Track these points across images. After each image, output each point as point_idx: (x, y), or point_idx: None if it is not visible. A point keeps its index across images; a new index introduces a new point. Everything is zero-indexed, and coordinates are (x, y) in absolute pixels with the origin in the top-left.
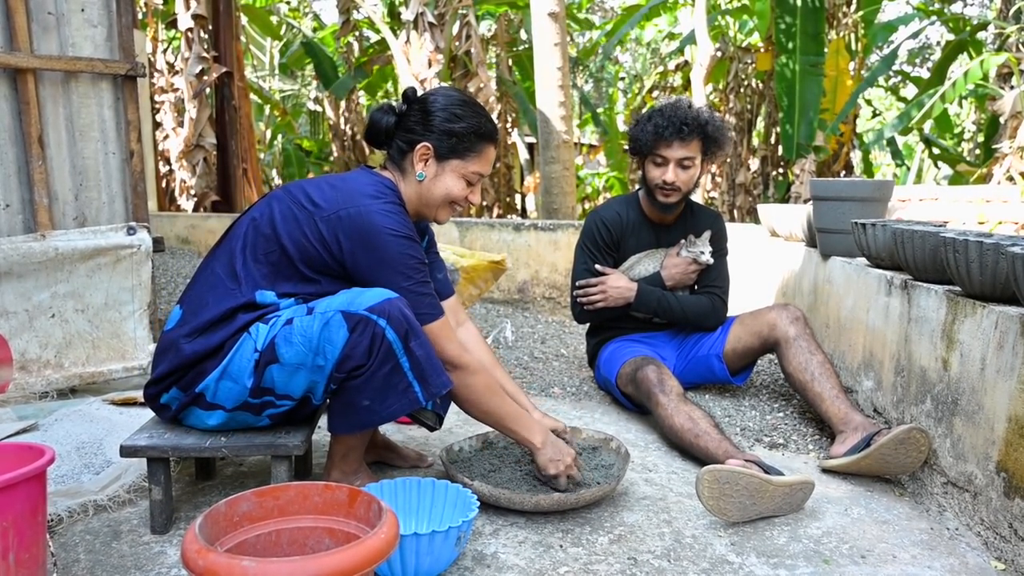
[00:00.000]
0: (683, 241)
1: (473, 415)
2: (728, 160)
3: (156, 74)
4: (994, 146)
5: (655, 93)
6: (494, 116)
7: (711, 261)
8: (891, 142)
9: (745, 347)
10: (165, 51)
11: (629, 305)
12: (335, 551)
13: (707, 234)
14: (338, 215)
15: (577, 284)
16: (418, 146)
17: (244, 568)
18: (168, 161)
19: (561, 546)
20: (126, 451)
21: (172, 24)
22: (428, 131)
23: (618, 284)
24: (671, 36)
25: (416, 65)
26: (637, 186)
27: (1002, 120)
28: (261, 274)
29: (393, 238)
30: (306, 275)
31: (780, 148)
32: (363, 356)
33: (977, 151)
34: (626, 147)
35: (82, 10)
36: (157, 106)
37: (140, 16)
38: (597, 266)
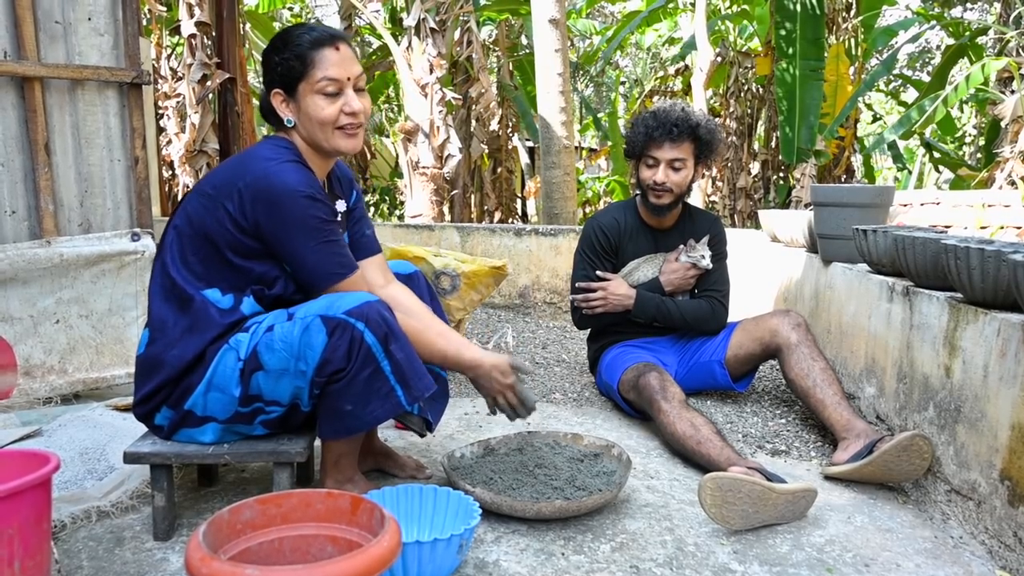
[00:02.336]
0: (682, 246)
1: None
2: (729, 164)
3: (160, 80)
4: (995, 150)
5: (655, 98)
6: (495, 121)
7: (710, 266)
8: (892, 146)
9: (747, 353)
10: (169, 57)
11: (629, 311)
12: (339, 559)
13: (706, 239)
14: (238, 187)
15: (577, 286)
16: (272, 96)
17: None
18: (171, 166)
19: (563, 554)
20: (129, 458)
21: (175, 30)
22: (272, 77)
23: (618, 291)
24: (671, 41)
25: (418, 71)
26: (635, 192)
27: (1003, 124)
28: (196, 274)
29: (294, 198)
30: (236, 264)
31: (781, 153)
32: (343, 360)
33: (978, 155)
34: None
35: (89, 19)
36: (161, 111)
37: (144, 23)
38: (598, 272)
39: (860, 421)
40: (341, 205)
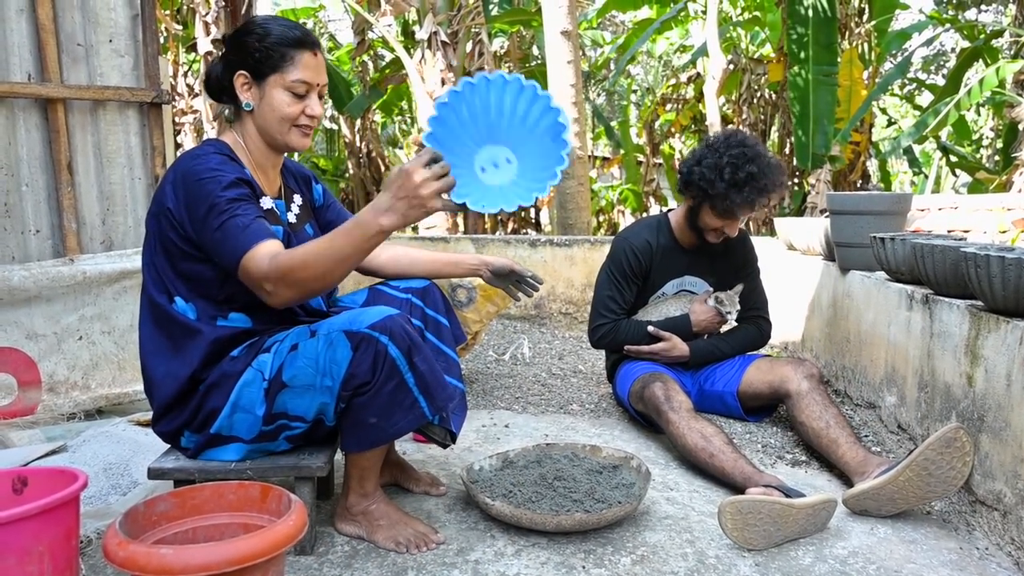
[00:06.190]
0: (710, 292)
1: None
2: None
3: (177, 97)
4: (1013, 153)
5: (667, 106)
6: None
7: (734, 317)
8: (908, 150)
9: (755, 392)
10: (186, 74)
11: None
12: (246, 537)
13: (739, 287)
14: (171, 181)
15: (638, 350)
16: (235, 77)
17: (162, 555)
18: None
19: (583, 567)
20: (153, 474)
21: (192, 48)
22: (242, 58)
23: (672, 354)
24: (683, 48)
25: (430, 83)
26: (664, 208)
27: (1020, 127)
28: (166, 288)
29: (199, 181)
30: (187, 272)
31: (795, 158)
32: (367, 373)
33: (996, 158)
34: (680, 187)
35: (110, 41)
36: (178, 128)
37: (161, 41)
38: (650, 329)
39: (877, 458)
40: (298, 199)
